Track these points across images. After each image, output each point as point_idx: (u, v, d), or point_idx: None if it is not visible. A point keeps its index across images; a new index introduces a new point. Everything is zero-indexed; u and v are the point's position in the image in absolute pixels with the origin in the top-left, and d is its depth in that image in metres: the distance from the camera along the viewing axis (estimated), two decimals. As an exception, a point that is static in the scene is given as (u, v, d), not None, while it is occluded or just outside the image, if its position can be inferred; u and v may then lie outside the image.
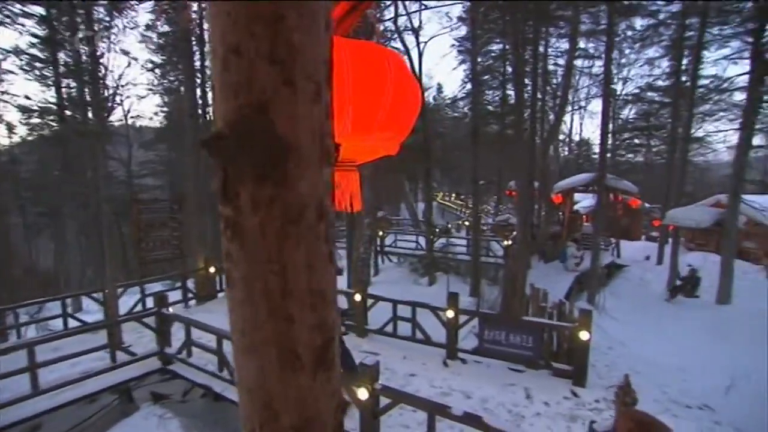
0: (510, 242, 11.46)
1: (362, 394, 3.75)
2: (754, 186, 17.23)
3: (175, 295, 8.61)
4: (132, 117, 22.68)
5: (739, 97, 15.49)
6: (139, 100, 21.71)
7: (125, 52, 16.24)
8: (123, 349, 5.63)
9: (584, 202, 20.42)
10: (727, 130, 19.03)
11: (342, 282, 10.15)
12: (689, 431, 4.37)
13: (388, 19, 14.95)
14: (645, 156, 26.70)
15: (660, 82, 21.58)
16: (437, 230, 16.07)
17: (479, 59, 19.35)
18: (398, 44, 15.64)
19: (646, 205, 21.91)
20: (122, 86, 17.59)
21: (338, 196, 1.23)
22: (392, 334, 6.42)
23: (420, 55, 14.99)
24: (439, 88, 36.83)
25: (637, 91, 24.11)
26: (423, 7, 13.66)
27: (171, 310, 5.80)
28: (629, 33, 19.29)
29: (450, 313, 5.53)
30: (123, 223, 18.56)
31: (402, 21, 14.72)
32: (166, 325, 5.59)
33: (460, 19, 17.12)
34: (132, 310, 7.86)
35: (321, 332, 0.51)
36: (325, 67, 0.48)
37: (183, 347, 5.48)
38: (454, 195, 37.22)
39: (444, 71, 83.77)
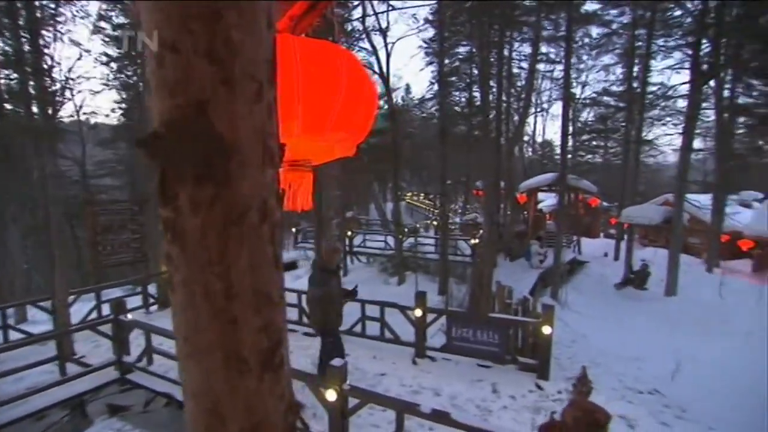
0: (477, 241, 11.72)
1: (330, 395, 3.72)
2: (696, 186, 18.48)
3: (135, 301, 8.22)
4: (86, 113, 21.38)
5: (682, 103, 16.57)
6: (94, 96, 20.37)
7: (76, 43, 15.32)
8: (75, 360, 5.30)
9: (548, 201, 21.23)
10: (672, 134, 20.33)
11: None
12: (641, 415, 4.62)
13: (356, 19, 14.96)
14: (603, 157, 28.04)
15: (615, 88, 22.71)
16: (406, 230, 16.19)
17: (446, 61, 19.69)
18: (366, 44, 15.67)
19: (604, 204, 23.05)
20: (72, 80, 16.58)
21: (291, 196, 1.21)
22: (361, 334, 6.40)
23: (388, 55, 15.08)
24: (408, 89, 37.12)
25: (594, 95, 25.26)
26: (390, 8, 13.75)
27: (130, 316, 5.52)
28: (586, 40, 20.29)
29: (418, 312, 5.58)
30: (78, 226, 17.51)
31: (370, 21, 14.75)
32: (124, 333, 5.32)
33: (427, 21, 17.34)
34: (86, 319, 7.40)
35: (267, 334, 0.50)
36: (267, 67, 0.47)
37: (143, 355, 5.24)
38: (423, 195, 37.62)
39: (412, 72, 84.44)
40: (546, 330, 4.96)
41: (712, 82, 14.14)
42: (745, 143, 16.42)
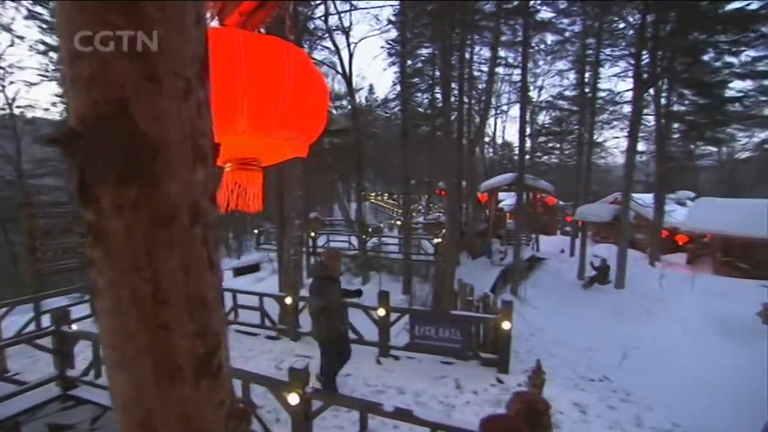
0: (440, 240, 11.93)
1: (293, 398, 3.66)
2: (641, 186, 19.88)
3: (83, 310, 7.68)
4: (20, 107, 19.73)
5: (627, 109, 17.70)
6: (30, 88, 18.78)
7: (6, 29, 14.08)
8: (8, 378, 4.86)
9: (508, 200, 21.95)
10: (619, 137, 21.73)
11: (274, 285, 9.84)
12: (591, 401, 4.88)
13: (318, 17, 14.80)
14: (559, 158, 29.42)
15: (568, 92, 23.92)
16: (370, 230, 16.22)
17: (409, 62, 19.92)
18: (329, 44, 15.56)
19: (561, 202, 24.21)
20: (2, 68, 15.23)
21: (240, 197, 1.18)
22: (325, 336, 6.37)
23: (351, 55, 15.05)
24: (371, 89, 37.17)
25: (550, 99, 26.48)
26: (353, 7, 13.72)
27: (75, 326, 5.14)
28: (542, 46, 21.22)
29: (381, 312, 5.61)
30: (13, 231, 16.15)
31: (333, 21, 14.65)
32: (67, 345, 4.94)
33: (390, 22, 17.47)
34: (22, 332, 6.77)
35: (203, 339, 0.48)
36: (197, 64, 0.45)
37: (90, 368, 4.89)
38: (387, 195, 37.81)
39: (375, 72, 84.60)
40: (505, 325, 5.12)
41: (652, 90, 15.24)
42: (679, 147, 17.79)
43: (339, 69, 15.36)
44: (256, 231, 17.26)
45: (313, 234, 14.92)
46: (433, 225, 17.69)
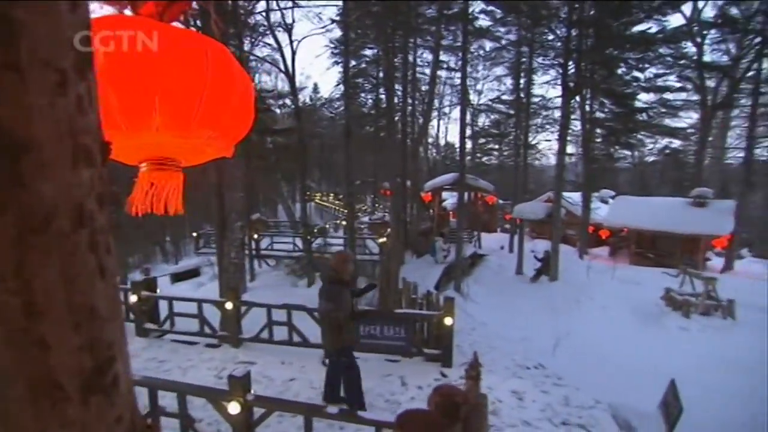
0: (385, 240, 12.07)
1: (233, 408, 3.51)
2: (571, 185, 21.55)
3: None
4: None
5: (558, 114, 19.12)
6: None
7: None
8: None
9: (451, 199, 22.72)
10: (551, 140, 23.44)
11: (215, 290, 9.39)
12: (527, 387, 5.20)
13: (259, 13, 14.33)
14: (498, 159, 30.95)
15: (506, 97, 25.26)
16: (314, 231, 16.01)
17: (353, 62, 19.92)
18: (271, 40, 15.11)
19: (500, 201, 25.50)
20: None
21: (157, 198, 1.10)
22: (268, 340, 6.16)
23: (293, 53, 14.72)
24: (316, 88, 36.67)
25: (489, 102, 27.79)
26: (294, 4, 13.43)
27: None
28: (481, 52, 22.24)
29: (326, 313, 5.56)
30: None
31: (275, 17, 14.25)
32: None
33: (333, 21, 17.33)
34: None
35: (92, 353, 0.44)
36: (74, 54, 0.41)
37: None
38: (332, 195, 37.50)
39: (320, 71, 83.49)
40: (448, 321, 5.29)
41: (578, 98, 16.60)
42: (601, 150, 19.56)
43: (282, 67, 14.99)
44: (195, 234, 16.35)
45: (256, 236, 14.43)
46: (378, 225, 17.84)
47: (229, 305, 6.13)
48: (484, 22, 18.69)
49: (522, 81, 19.92)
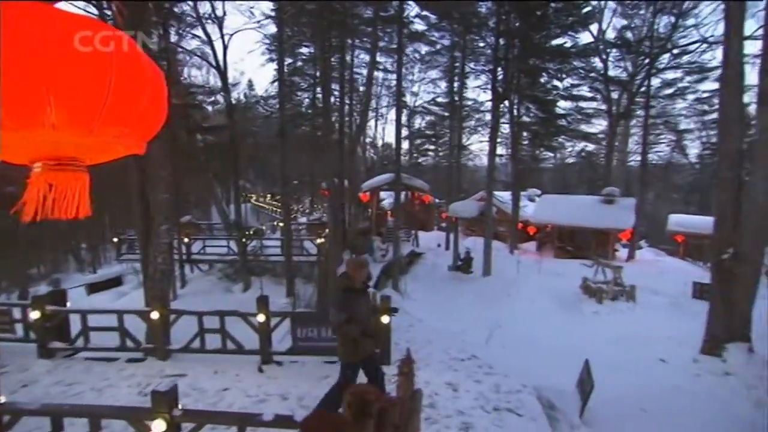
0: (323, 240, 11.96)
1: (158, 426, 3.26)
2: (501, 185, 23.01)
3: None
4: None
5: (488, 117, 20.27)
6: None
7: None
8: None
9: (389, 199, 23.07)
10: (483, 142, 24.81)
11: (140, 299, 8.68)
12: (461, 378, 5.45)
13: (185, 1, 13.46)
14: (434, 159, 32.05)
15: (441, 99, 26.23)
16: (250, 232, 15.42)
17: (289, 60, 19.46)
18: (200, 32, 14.26)
19: (436, 200, 26.38)
20: None
21: (59, 200, 1.01)
22: (200, 350, 5.81)
23: (225, 47, 14.05)
24: (251, 85, 35.27)
25: (425, 104, 28.67)
26: (224, -4, 12.81)
27: None
28: (417, 55, 22.86)
29: (261, 318, 5.37)
30: None
31: (205, 9, 13.48)
32: None
33: (268, 16, 16.80)
34: None
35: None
36: None
37: None
38: (269, 196, 36.36)
39: (255, 67, 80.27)
40: (384, 319, 5.38)
41: (507, 102, 17.74)
42: (528, 152, 21.13)
43: (212, 61, 14.22)
44: (116, 239, 14.97)
45: (187, 240, 13.56)
46: (317, 225, 17.66)
47: (155, 315, 5.69)
48: (419, 26, 19.26)
49: (456, 85, 20.81)
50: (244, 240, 12.45)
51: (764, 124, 6.33)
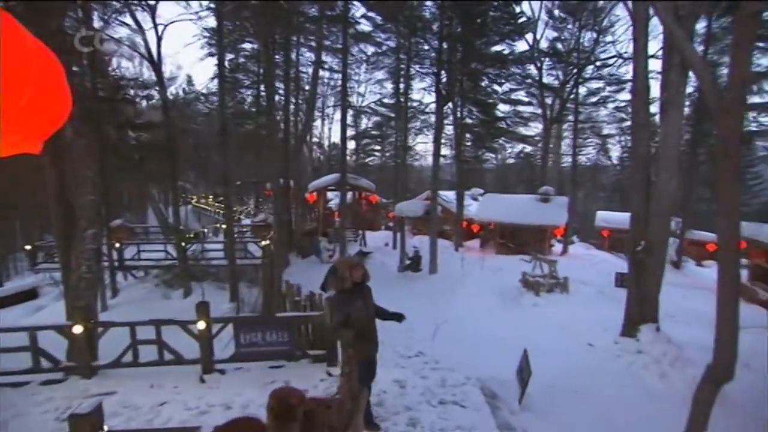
0: (268, 242, 11.62)
1: (80, 452, 2.97)
2: (446, 184, 23.82)
3: None
4: None
5: (433, 118, 20.85)
6: None
7: None
8: None
9: (336, 199, 22.89)
10: (427, 142, 25.49)
11: (61, 312, 7.86)
12: (408, 375, 5.58)
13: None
14: (381, 159, 32.34)
15: (387, 100, 26.52)
16: (190, 236, 14.61)
17: (231, 55, 18.67)
18: (129, 20, 13.21)
19: (383, 200, 26.64)
20: None
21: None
22: (133, 364, 5.40)
23: (159, 38, 13.13)
24: (190, 80, 33.39)
25: (371, 105, 28.84)
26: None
27: None
28: (363, 56, 22.92)
29: (201, 325, 5.10)
30: None
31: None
32: None
33: (206, 8, 15.97)
34: None
35: None
36: None
37: None
38: (211, 197, 34.69)
39: (194, 61, 75.84)
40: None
41: (451, 104, 18.35)
42: (471, 152, 22.02)
43: (144, 52, 13.25)
44: (29, 247, 13.47)
45: (118, 245, 12.55)
46: (261, 227, 17.11)
47: (77, 329, 5.20)
48: (365, 26, 19.33)
49: (401, 86, 21.15)
50: (183, 244, 11.75)
51: (665, 132, 7.17)
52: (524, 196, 22.38)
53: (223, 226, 18.91)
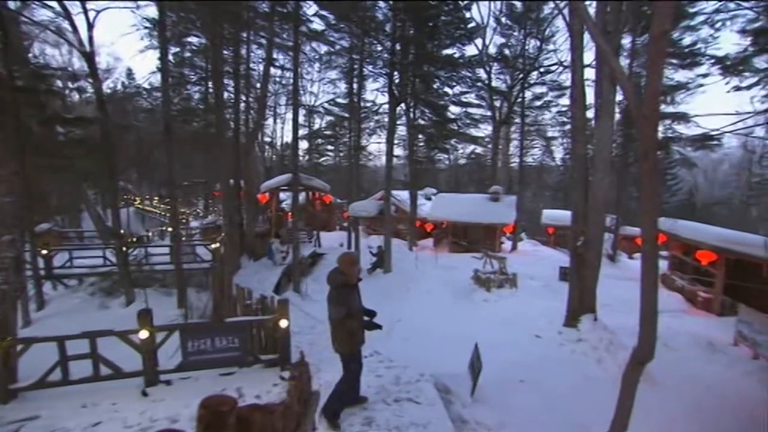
0: (218, 245, 11.15)
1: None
2: (400, 184, 24.15)
3: None
4: None
5: (386, 119, 21.03)
6: None
7: None
8: None
9: (289, 200, 22.45)
10: (381, 143, 25.69)
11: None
12: (364, 374, 5.52)
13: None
14: (335, 159, 32.13)
15: (340, 100, 26.39)
16: (132, 240, 13.69)
17: (176, 48, 17.68)
18: (53, 3, 12.05)
19: (338, 200, 26.48)
20: None
21: None
22: (62, 382, 4.92)
23: (90, 25, 12.08)
24: (130, 73, 31.26)
25: (324, 104, 28.55)
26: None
27: None
28: (315, 55, 22.61)
29: (143, 334, 4.78)
30: None
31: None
32: None
33: (146, -4, 14.97)
34: None
35: None
36: None
37: None
38: (157, 198, 32.74)
39: (134, 53, 70.79)
40: (283, 323, 5.24)
41: (403, 105, 18.58)
42: (424, 153, 22.47)
43: (72, 39, 12.15)
44: None
45: (46, 252, 11.45)
46: (211, 229, 16.39)
47: (-10, 348, 4.62)
48: (318, 25, 19.08)
49: (355, 86, 21.13)
50: (124, 248, 10.95)
51: (599, 136, 7.77)
52: (475, 195, 23.20)
53: (170, 229, 17.91)
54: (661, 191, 28.52)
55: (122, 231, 12.01)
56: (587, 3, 8.19)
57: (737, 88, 11.36)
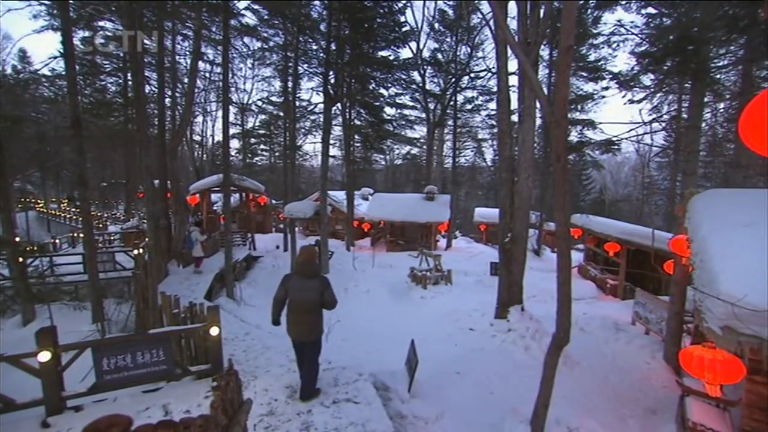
0: (141, 251, 10.23)
1: None
2: (337, 184, 24.06)
3: None
4: None
5: (322, 118, 20.83)
6: None
7: None
8: None
9: (221, 202, 21.31)
10: (317, 142, 25.36)
11: None
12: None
13: None
14: (269, 159, 31.04)
15: (274, 98, 25.57)
16: (31, 248, 12.10)
17: (84, 33, 15.90)
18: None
19: (273, 201, 25.65)
20: None
21: None
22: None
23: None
24: (24, 57, 27.58)
25: (258, 102, 27.49)
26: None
27: None
28: (247, 51, 21.64)
29: (43, 356, 4.18)
30: None
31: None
32: None
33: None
34: None
35: None
36: None
37: None
38: (66, 201, 29.31)
39: (31, 34, 62.41)
40: (213, 331, 4.96)
41: (339, 105, 18.52)
42: (360, 153, 22.59)
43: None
44: None
45: None
46: (133, 234, 15.00)
47: None
48: (250, 20, 18.28)
49: (289, 84, 20.60)
50: (21, 259, 9.58)
51: (522, 138, 8.38)
52: (411, 195, 23.80)
53: (81, 235, 16.01)
54: (577, 190, 31.57)
55: (17, 238, 10.49)
56: (510, 17, 8.82)
57: (631, 101, 13.05)
